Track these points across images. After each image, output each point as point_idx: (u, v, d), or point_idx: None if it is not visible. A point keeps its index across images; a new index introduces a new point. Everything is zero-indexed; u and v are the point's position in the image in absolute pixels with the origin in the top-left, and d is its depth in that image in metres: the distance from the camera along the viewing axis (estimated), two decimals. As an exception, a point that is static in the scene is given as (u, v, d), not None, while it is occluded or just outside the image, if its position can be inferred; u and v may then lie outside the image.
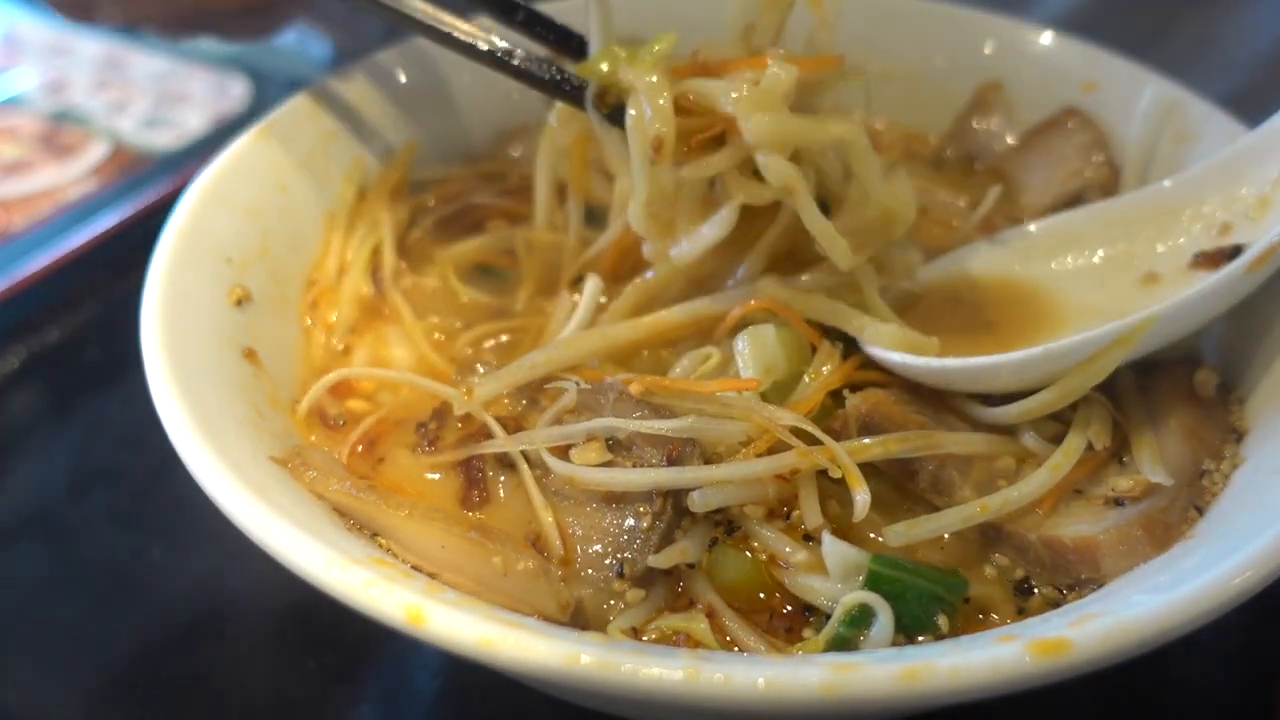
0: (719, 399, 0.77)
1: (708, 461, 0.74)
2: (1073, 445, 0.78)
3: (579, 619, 0.70)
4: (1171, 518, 0.73)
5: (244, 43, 1.46)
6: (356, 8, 1.01)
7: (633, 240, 0.92)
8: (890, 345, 0.84)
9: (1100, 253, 0.95)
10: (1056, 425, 0.81)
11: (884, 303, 0.88)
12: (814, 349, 0.85)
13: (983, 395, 0.83)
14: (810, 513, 0.74)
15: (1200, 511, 0.74)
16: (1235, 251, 0.83)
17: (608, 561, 0.72)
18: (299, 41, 1.67)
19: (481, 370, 0.90)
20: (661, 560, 0.71)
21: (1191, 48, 1.45)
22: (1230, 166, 0.91)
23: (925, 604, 0.69)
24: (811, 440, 0.74)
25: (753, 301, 0.85)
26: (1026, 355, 0.79)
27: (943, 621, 0.69)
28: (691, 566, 0.74)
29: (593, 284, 0.92)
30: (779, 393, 0.81)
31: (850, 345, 0.86)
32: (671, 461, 0.73)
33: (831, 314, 0.85)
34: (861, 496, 0.71)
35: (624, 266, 0.95)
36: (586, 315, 0.90)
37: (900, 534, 0.72)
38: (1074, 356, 0.78)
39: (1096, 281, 0.93)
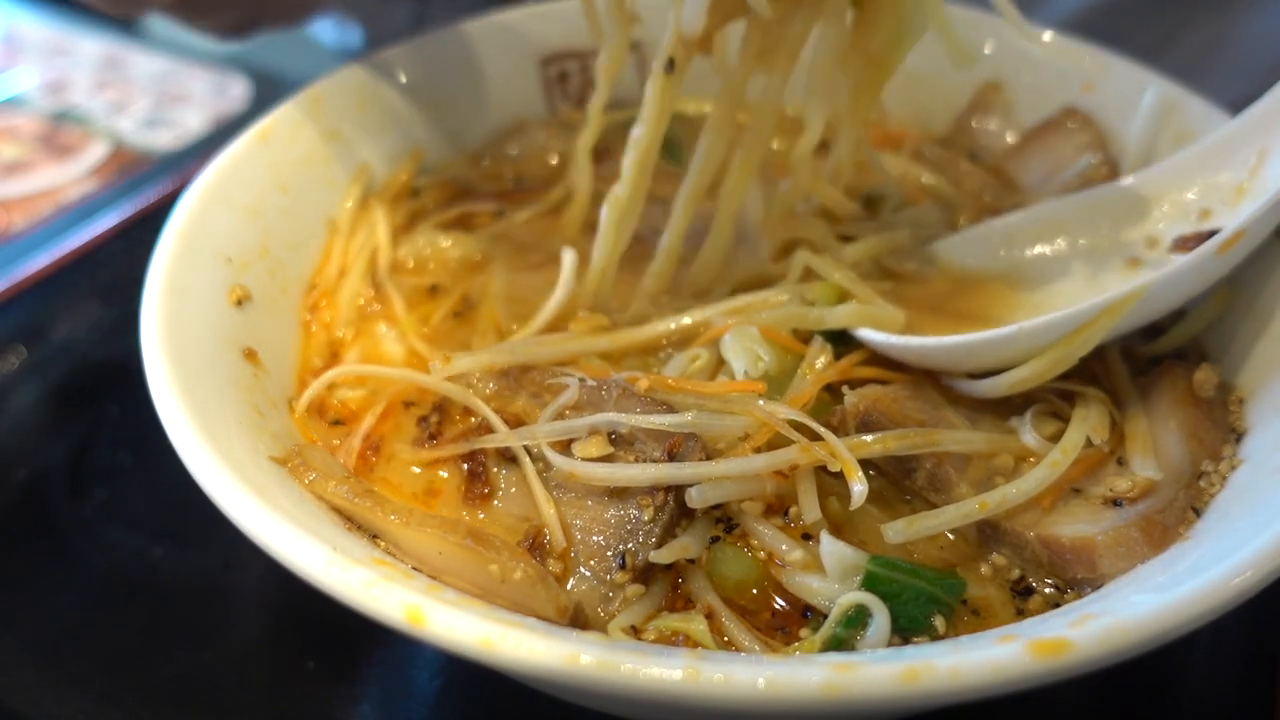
0: (720, 395, 0.77)
1: (709, 457, 0.74)
2: (1071, 441, 0.78)
3: (578, 619, 0.70)
4: (1169, 519, 0.73)
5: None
6: None
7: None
8: (850, 323, 0.86)
9: (1084, 238, 0.96)
10: (1055, 424, 0.81)
11: (866, 286, 0.90)
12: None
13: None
14: (808, 507, 0.74)
15: (1198, 513, 0.75)
16: (1211, 236, 0.84)
17: (609, 553, 0.72)
18: (328, 30, 1.66)
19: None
20: (664, 555, 0.71)
21: (1198, 53, 1.45)
22: (1211, 154, 0.92)
23: (922, 605, 0.69)
24: (809, 435, 0.74)
25: (727, 321, 0.86)
26: (1014, 330, 0.80)
27: (939, 623, 0.69)
28: (692, 562, 0.74)
29: (570, 257, 0.93)
30: (773, 387, 0.81)
31: (842, 342, 0.87)
32: (672, 456, 0.73)
33: (787, 320, 0.87)
34: (859, 487, 0.71)
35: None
36: (565, 293, 0.92)
37: (899, 531, 0.73)
38: (1062, 330, 0.79)
39: (1081, 266, 0.94)
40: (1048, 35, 1.16)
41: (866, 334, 0.86)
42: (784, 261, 0.96)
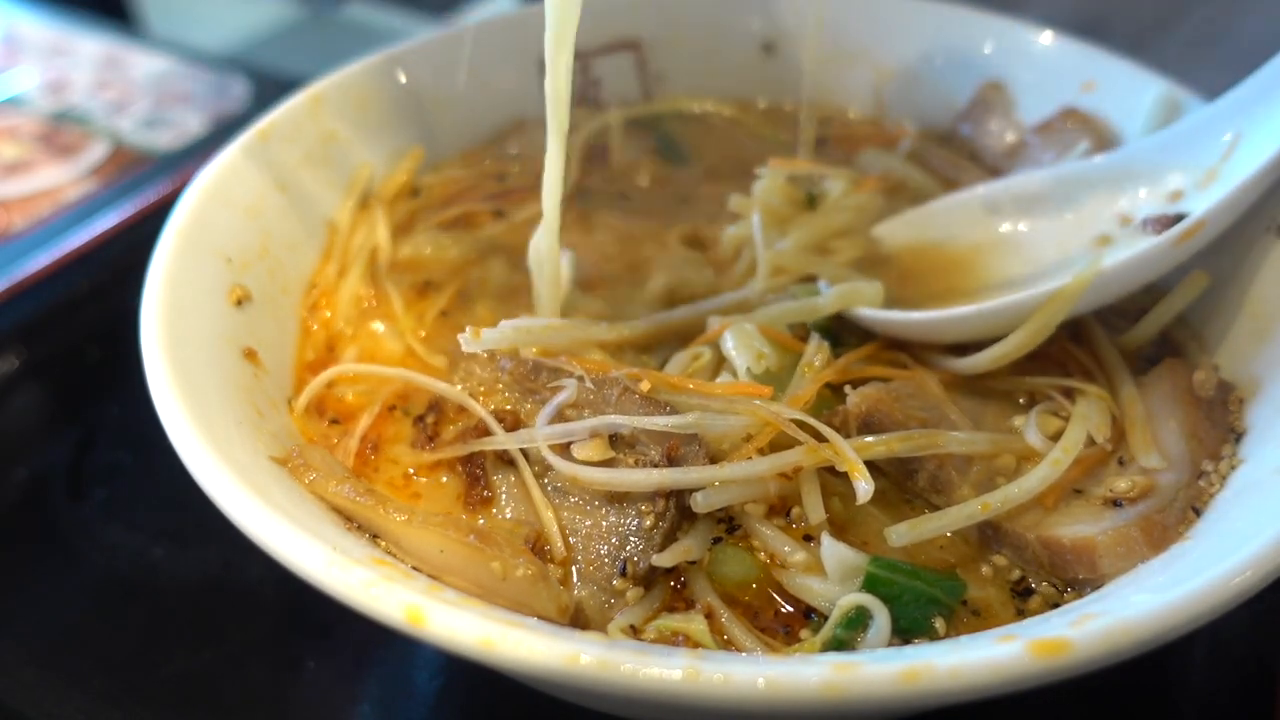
0: (724, 396, 0.77)
1: (712, 458, 0.74)
2: (1072, 439, 0.78)
3: (579, 620, 0.70)
4: (1169, 519, 0.73)
5: None
6: None
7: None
8: (841, 305, 0.88)
9: (1060, 211, 0.97)
10: (1059, 423, 0.81)
11: (843, 267, 0.94)
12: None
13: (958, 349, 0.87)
14: (812, 508, 0.74)
15: (1198, 513, 0.74)
16: (1179, 219, 0.84)
17: (610, 561, 0.72)
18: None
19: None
20: (666, 559, 0.71)
21: (1193, 41, 1.45)
22: (1188, 136, 0.93)
23: (922, 607, 0.69)
24: (813, 434, 0.74)
25: (720, 321, 0.86)
26: (974, 311, 0.83)
27: (940, 624, 0.69)
28: (693, 563, 0.74)
29: (567, 257, 0.95)
30: (773, 384, 0.80)
31: (837, 341, 0.87)
32: (671, 458, 0.73)
33: (783, 315, 0.87)
34: (864, 486, 0.71)
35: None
36: (566, 286, 0.93)
37: (903, 534, 0.72)
38: (1020, 311, 0.82)
39: (1054, 239, 0.96)
40: (1048, 35, 1.16)
41: (859, 312, 0.88)
42: (731, 269, 0.99)
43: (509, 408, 0.82)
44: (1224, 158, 0.89)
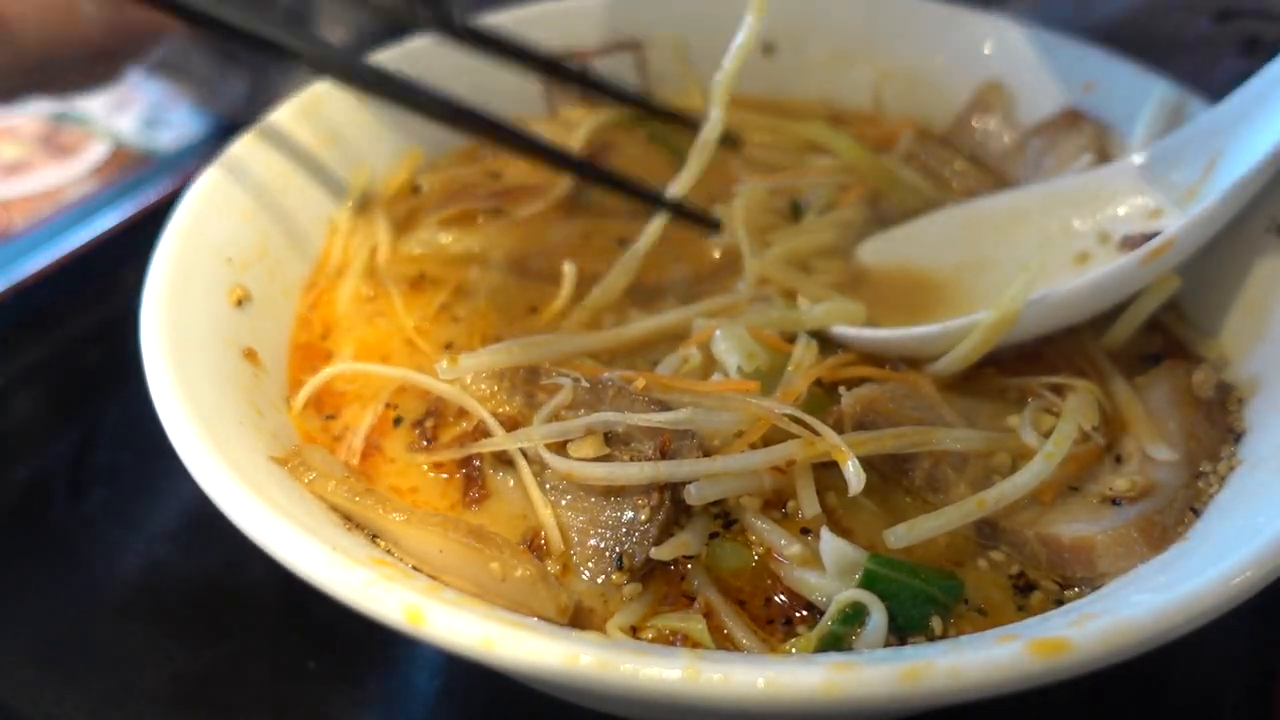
0: (715, 394, 0.77)
1: (706, 453, 0.74)
2: (1064, 433, 0.78)
3: (578, 620, 0.70)
4: (1169, 520, 0.73)
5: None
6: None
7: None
8: (827, 323, 0.88)
9: (1043, 228, 0.97)
10: (1051, 420, 0.81)
11: (826, 287, 0.94)
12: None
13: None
14: (807, 503, 0.74)
15: (1197, 513, 0.75)
16: (1154, 238, 0.84)
17: (607, 554, 0.72)
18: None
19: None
20: (664, 552, 0.72)
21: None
22: (1172, 152, 0.93)
23: (920, 605, 0.69)
24: (806, 431, 0.74)
25: (710, 322, 0.87)
26: (940, 329, 0.84)
27: (936, 623, 0.69)
28: (691, 559, 0.74)
29: (569, 270, 0.95)
30: (763, 384, 0.81)
31: (823, 345, 0.88)
32: (665, 453, 0.73)
33: (770, 321, 0.88)
34: (854, 475, 0.70)
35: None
36: (565, 302, 0.93)
37: (902, 536, 0.72)
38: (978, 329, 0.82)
39: (1033, 256, 0.94)
40: (1048, 35, 1.16)
41: (837, 329, 0.88)
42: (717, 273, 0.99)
43: (506, 410, 0.82)
44: (1205, 176, 0.88)
